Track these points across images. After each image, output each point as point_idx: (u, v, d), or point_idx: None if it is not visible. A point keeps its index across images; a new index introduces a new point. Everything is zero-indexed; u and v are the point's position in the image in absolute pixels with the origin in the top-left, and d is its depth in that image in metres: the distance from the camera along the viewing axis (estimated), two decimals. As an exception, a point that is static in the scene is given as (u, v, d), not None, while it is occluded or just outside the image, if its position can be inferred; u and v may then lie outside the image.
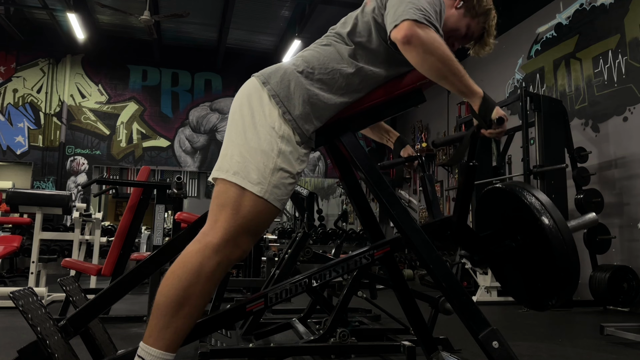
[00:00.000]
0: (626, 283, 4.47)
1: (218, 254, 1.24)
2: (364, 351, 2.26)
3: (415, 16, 1.29)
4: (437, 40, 1.31)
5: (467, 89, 1.38)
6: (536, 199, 1.45)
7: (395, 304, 1.77)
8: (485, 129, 1.40)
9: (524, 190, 1.49)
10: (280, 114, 1.32)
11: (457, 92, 1.39)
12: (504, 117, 1.38)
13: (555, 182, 4.76)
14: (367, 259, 1.46)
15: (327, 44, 1.45)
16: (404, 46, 1.31)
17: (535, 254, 1.46)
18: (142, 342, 1.22)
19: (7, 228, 6.58)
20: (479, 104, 1.39)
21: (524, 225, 1.50)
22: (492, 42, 1.65)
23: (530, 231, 1.46)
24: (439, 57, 1.30)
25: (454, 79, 1.35)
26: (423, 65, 1.33)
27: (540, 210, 1.42)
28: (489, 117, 1.38)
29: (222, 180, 1.30)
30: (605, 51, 5.34)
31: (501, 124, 1.38)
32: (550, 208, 1.43)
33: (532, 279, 1.52)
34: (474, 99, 1.39)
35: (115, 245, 3.38)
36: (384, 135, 1.90)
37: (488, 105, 1.38)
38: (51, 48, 9.11)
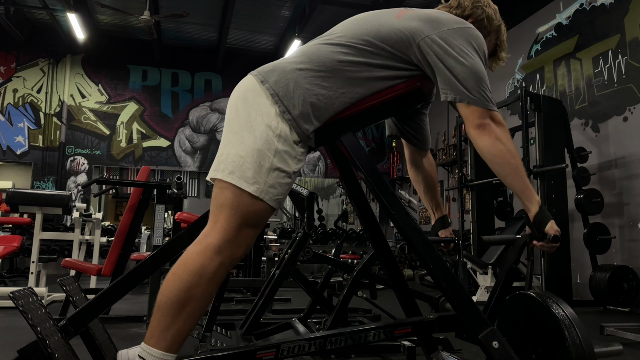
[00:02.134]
0: (626, 283, 4.47)
1: (220, 255, 1.24)
2: (364, 351, 2.25)
3: (491, 106, 1.37)
4: (508, 133, 1.39)
5: (527, 190, 1.39)
6: (565, 313, 1.39)
7: (395, 304, 1.77)
8: (538, 241, 1.39)
9: (554, 302, 1.43)
10: (278, 112, 1.31)
11: (516, 191, 1.39)
12: (559, 234, 1.37)
13: (555, 182, 4.76)
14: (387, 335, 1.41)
15: (327, 42, 1.43)
16: (476, 130, 1.37)
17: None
18: (144, 343, 1.22)
19: (7, 228, 6.58)
20: (535, 212, 1.38)
21: (548, 338, 1.44)
22: (504, 56, 1.67)
23: (554, 346, 1.40)
24: (508, 148, 1.36)
25: (516, 174, 1.38)
26: (492, 150, 1.36)
27: (567, 326, 1.35)
28: (542, 229, 1.37)
29: (219, 180, 1.30)
30: (605, 51, 5.34)
31: (556, 242, 1.36)
32: (578, 325, 1.36)
33: None
34: (532, 205, 1.39)
35: (115, 245, 3.38)
36: (432, 207, 1.87)
37: (544, 217, 1.38)
38: (51, 48, 9.11)
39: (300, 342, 1.32)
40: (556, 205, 4.74)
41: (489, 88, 1.39)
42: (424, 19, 1.42)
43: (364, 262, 2.38)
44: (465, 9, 1.59)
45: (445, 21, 1.42)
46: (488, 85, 1.39)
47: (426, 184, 1.84)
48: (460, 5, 1.60)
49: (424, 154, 1.83)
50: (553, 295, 1.48)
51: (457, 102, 1.38)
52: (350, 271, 2.81)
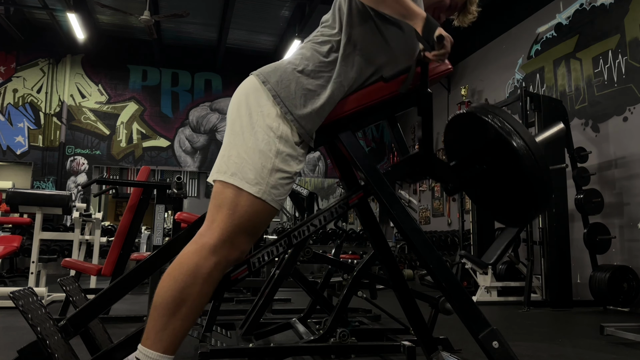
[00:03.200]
0: (626, 283, 4.47)
1: (215, 255, 1.23)
2: (364, 351, 2.25)
3: None
4: None
5: (407, 10, 1.34)
6: (499, 118, 1.45)
7: (395, 304, 1.77)
8: (429, 51, 1.35)
9: (487, 112, 1.48)
10: (280, 113, 1.32)
11: (399, 16, 1.36)
12: (446, 36, 1.33)
13: (555, 182, 4.76)
14: (343, 207, 1.48)
15: (322, 41, 1.44)
16: None
17: (507, 172, 1.48)
18: (140, 345, 1.21)
19: (7, 228, 6.58)
20: (422, 25, 1.33)
21: (492, 146, 1.50)
22: (475, 10, 1.64)
23: (498, 151, 1.47)
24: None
25: (395, 3, 1.33)
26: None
27: (504, 129, 1.42)
28: (432, 38, 1.32)
29: (220, 181, 1.30)
30: (605, 51, 5.34)
31: (441, 41, 1.32)
32: (514, 123, 1.43)
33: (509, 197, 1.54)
34: (416, 21, 1.34)
35: (115, 245, 3.38)
36: None
37: (430, 26, 1.32)
38: (51, 48, 9.11)
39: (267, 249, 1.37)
40: (556, 205, 4.74)
41: None
42: None
43: (364, 262, 2.38)
44: None
45: None
46: None
47: None
48: None
49: None
50: (484, 104, 1.54)
51: None
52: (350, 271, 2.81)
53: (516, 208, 1.55)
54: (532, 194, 1.45)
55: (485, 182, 1.59)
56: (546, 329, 3.45)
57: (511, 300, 4.95)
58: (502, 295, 5.02)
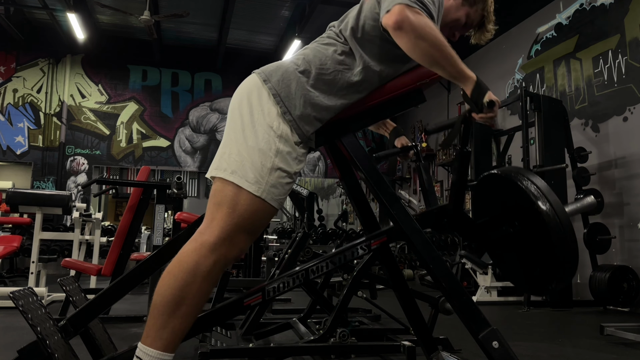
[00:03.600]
0: (626, 283, 4.47)
1: (214, 253, 1.23)
2: (364, 351, 2.26)
3: (406, 1, 1.28)
4: (428, 25, 1.28)
5: (459, 73, 1.34)
6: (532, 183, 1.42)
7: (395, 304, 1.77)
8: (477, 113, 1.36)
9: (520, 175, 1.47)
10: (279, 113, 1.32)
11: (450, 78, 1.36)
12: (496, 101, 1.35)
13: (555, 182, 4.76)
14: (364, 249, 1.45)
15: (328, 43, 1.43)
16: (395, 32, 1.29)
17: (534, 239, 1.44)
18: (140, 343, 1.22)
19: (7, 228, 6.58)
20: (472, 88, 1.35)
21: (521, 211, 1.47)
22: (492, 28, 1.65)
23: (528, 216, 1.44)
24: (430, 43, 1.28)
25: (446, 63, 1.32)
26: (415, 51, 1.30)
27: (537, 195, 1.39)
28: (480, 101, 1.34)
29: (220, 178, 1.30)
30: (605, 51, 5.34)
31: (492, 107, 1.34)
32: (547, 192, 1.40)
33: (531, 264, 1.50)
34: (467, 83, 1.36)
35: (115, 245, 3.38)
36: (380, 126, 1.92)
37: (480, 89, 1.35)
38: (51, 48, 9.11)
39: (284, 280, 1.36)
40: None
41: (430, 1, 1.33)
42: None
43: (364, 262, 2.38)
44: None
45: None
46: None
47: None
48: None
49: None
50: (518, 168, 1.52)
51: (381, 20, 1.32)
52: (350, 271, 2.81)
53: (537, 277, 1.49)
54: (556, 265, 1.40)
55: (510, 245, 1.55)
56: (546, 329, 3.45)
57: (511, 300, 4.94)
58: (502, 295, 5.02)
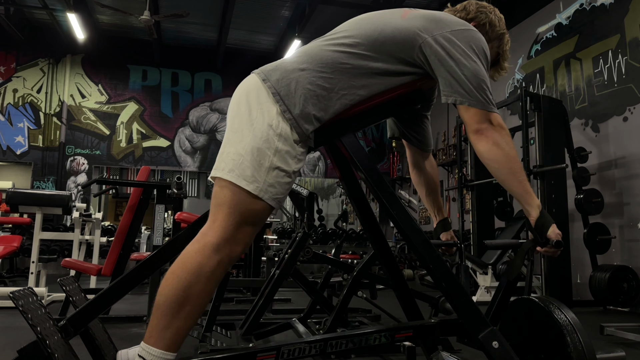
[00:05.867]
0: (626, 283, 4.47)
1: (218, 254, 1.24)
2: (364, 351, 2.25)
3: (491, 108, 1.35)
4: (508, 137, 1.35)
5: (527, 195, 1.38)
6: (567, 318, 1.38)
7: (395, 304, 1.77)
8: (541, 247, 1.38)
9: (556, 307, 1.42)
10: (279, 112, 1.31)
11: (516, 196, 1.38)
12: (561, 239, 1.36)
13: (555, 182, 4.76)
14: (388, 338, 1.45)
15: (330, 43, 1.42)
16: (474, 135, 1.36)
17: None
18: (143, 342, 1.22)
19: (7, 228, 6.57)
20: (536, 217, 1.38)
21: (550, 343, 1.43)
22: (507, 66, 1.67)
23: (557, 351, 1.39)
24: (506, 153, 1.34)
25: (515, 179, 1.37)
26: (489, 155, 1.36)
27: (570, 331, 1.36)
28: (544, 234, 1.36)
29: (219, 179, 1.30)
30: (605, 51, 5.34)
31: (559, 247, 1.35)
32: (580, 330, 1.36)
33: None
34: (532, 209, 1.39)
35: (115, 245, 3.38)
36: (434, 210, 1.86)
37: (545, 221, 1.37)
38: (51, 48, 9.11)
39: (301, 345, 1.32)
40: (556, 205, 4.73)
41: (490, 90, 1.39)
42: (428, 19, 1.42)
43: (364, 262, 2.38)
44: (469, 13, 1.60)
45: (448, 22, 1.42)
46: (489, 88, 1.38)
47: (428, 186, 1.83)
48: (465, 9, 1.60)
49: (426, 155, 1.83)
50: (555, 300, 1.47)
51: (458, 104, 1.38)
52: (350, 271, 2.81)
53: None
54: None
55: None
56: (546, 329, 3.44)
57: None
58: (502, 295, 5.01)
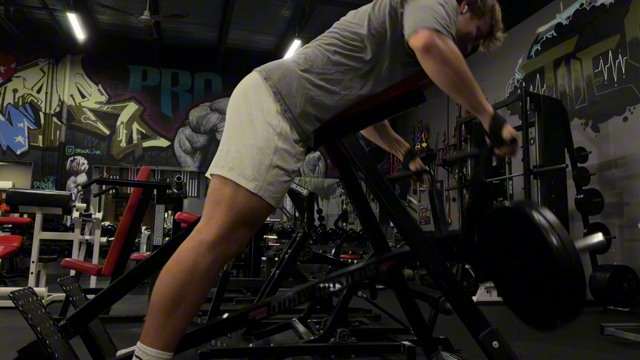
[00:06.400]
0: (626, 283, 4.47)
1: (212, 251, 1.23)
2: (364, 351, 2.25)
3: (436, 25, 1.28)
4: (455, 52, 1.30)
5: (479, 105, 1.37)
6: (544, 218, 1.42)
7: (395, 304, 1.77)
8: (497, 147, 1.39)
9: (532, 209, 1.46)
10: (280, 111, 1.31)
11: (468, 107, 1.38)
12: (516, 136, 1.38)
13: (555, 182, 4.76)
14: (372, 271, 1.45)
15: (330, 43, 1.42)
16: (422, 54, 1.30)
17: (542, 274, 1.44)
18: (139, 342, 1.21)
19: (7, 228, 6.57)
20: (489, 122, 1.38)
21: (531, 245, 1.48)
22: (501, 36, 1.65)
23: (538, 251, 1.44)
24: (455, 70, 1.30)
25: (467, 93, 1.34)
26: (439, 76, 1.31)
27: (548, 230, 1.39)
28: (499, 135, 1.37)
29: (218, 176, 1.30)
30: (605, 51, 5.34)
31: (514, 143, 1.37)
32: (558, 228, 1.40)
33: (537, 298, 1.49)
34: (485, 116, 1.38)
35: (115, 245, 3.38)
36: (394, 145, 1.88)
37: (498, 123, 1.37)
38: (51, 48, 9.11)
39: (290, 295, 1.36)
40: (556, 205, 4.73)
41: (445, 17, 1.32)
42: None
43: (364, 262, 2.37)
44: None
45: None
46: (443, 14, 1.32)
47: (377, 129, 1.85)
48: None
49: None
50: (530, 201, 1.52)
51: (408, 38, 1.32)
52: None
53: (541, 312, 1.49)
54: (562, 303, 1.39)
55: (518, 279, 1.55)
56: (546, 329, 3.44)
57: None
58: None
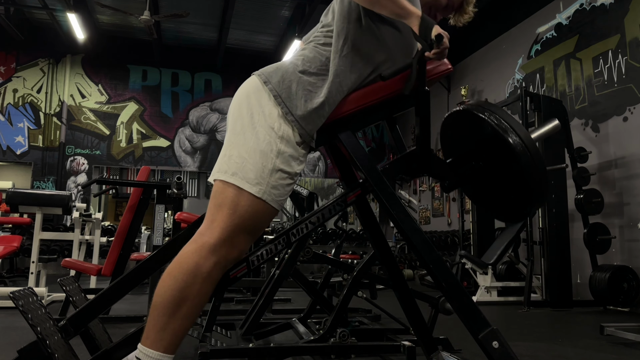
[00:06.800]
0: (626, 283, 4.47)
1: (214, 254, 1.23)
2: (364, 351, 2.25)
3: None
4: None
5: (402, 10, 1.33)
6: (495, 115, 1.47)
7: (395, 304, 1.77)
8: (429, 51, 1.34)
9: (483, 109, 1.50)
10: (281, 114, 1.32)
11: (393, 16, 1.35)
12: (444, 34, 1.31)
13: (555, 182, 4.76)
14: (341, 204, 1.47)
15: (325, 43, 1.44)
16: None
17: (504, 169, 1.50)
18: (140, 344, 1.21)
19: (7, 228, 6.58)
20: (418, 24, 1.33)
21: (487, 143, 1.52)
22: (471, 10, 1.63)
23: (495, 148, 1.49)
24: None
25: (387, 1, 1.32)
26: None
27: (500, 126, 1.44)
28: (429, 37, 1.31)
29: (221, 180, 1.30)
30: (605, 51, 5.34)
31: (440, 41, 1.31)
32: (511, 121, 1.45)
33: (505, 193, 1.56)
34: (412, 19, 1.33)
35: (115, 245, 3.38)
36: None
37: (427, 24, 1.32)
38: (51, 48, 9.11)
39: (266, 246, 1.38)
40: (556, 205, 4.74)
41: None
42: None
43: (364, 262, 2.38)
44: None
45: None
46: None
47: None
48: None
49: None
50: (482, 102, 1.55)
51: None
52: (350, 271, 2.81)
53: (513, 204, 1.57)
54: (528, 190, 1.47)
55: (482, 179, 1.61)
56: (546, 329, 3.45)
57: (511, 300, 4.94)
58: (502, 295, 5.02)
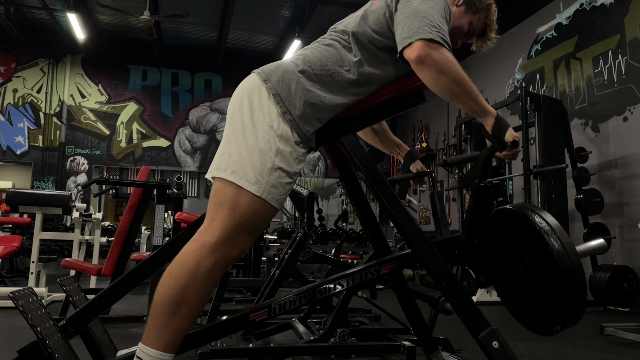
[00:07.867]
0: (626, 283, 4.47)
1: (215, 254, 1.24)
2: (364, 351, 2.25)
3: (430, 35, 1.28)
4: (450, 60, 1.30)
5: (480, 108, 1.37)
6: (545, 221, 1.43)
7: (395, 304, 1.77)
8: (500, 152, 1.39)
9: (533, 212, 1.46)
10: (279, 113, 1.32)
11: (470, 112, 1.38)
12: (518, 139, 1.37)
13: (555, 182, 4.76)
14: (373, 274, 1.46)
15: (329, 44, 1.43)
16: (417, 66, 1.30)
17: (543, 278, 1.43)
18: (141, 343, 1.22)
19: (7, 228, 6.57)
20: (492, 124, 1.38)
21: (532, 248, 1.47)
22: (494, 37, 1.66)
23: (538, 254, 1.44)
24: (452, 77, 1.30)
25: (467, 98, 1.35)
26: (436, 85, 1.32)
27: (549, 234, 1.39)
28: (502, 139, 1.37)
29: (220, 179, 1.30)
30: (605, 51, 5.34)
31: (515, 147, 1.37)
32: (559, 231, 1.40)
33: (538, 302, 1.49)
34: (487, 119, 1.38)
35: (115, 245, 3.38)
36: (394, 149, 1.89)
37: (501, 126, 1.37)
38: (51, 48, 9.11)
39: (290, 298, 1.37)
40: (556, 205, 4.73)
41: (438, 24, 1.31)
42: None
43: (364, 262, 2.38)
44: None
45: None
46: (435, 22, 1.31)
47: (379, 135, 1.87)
48: None
49: None
50: (532, 205, 1.52)
51: (400, 49, 1.32)
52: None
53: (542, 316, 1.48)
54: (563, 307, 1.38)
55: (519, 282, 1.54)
56: (546, 329, 3.44)
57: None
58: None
